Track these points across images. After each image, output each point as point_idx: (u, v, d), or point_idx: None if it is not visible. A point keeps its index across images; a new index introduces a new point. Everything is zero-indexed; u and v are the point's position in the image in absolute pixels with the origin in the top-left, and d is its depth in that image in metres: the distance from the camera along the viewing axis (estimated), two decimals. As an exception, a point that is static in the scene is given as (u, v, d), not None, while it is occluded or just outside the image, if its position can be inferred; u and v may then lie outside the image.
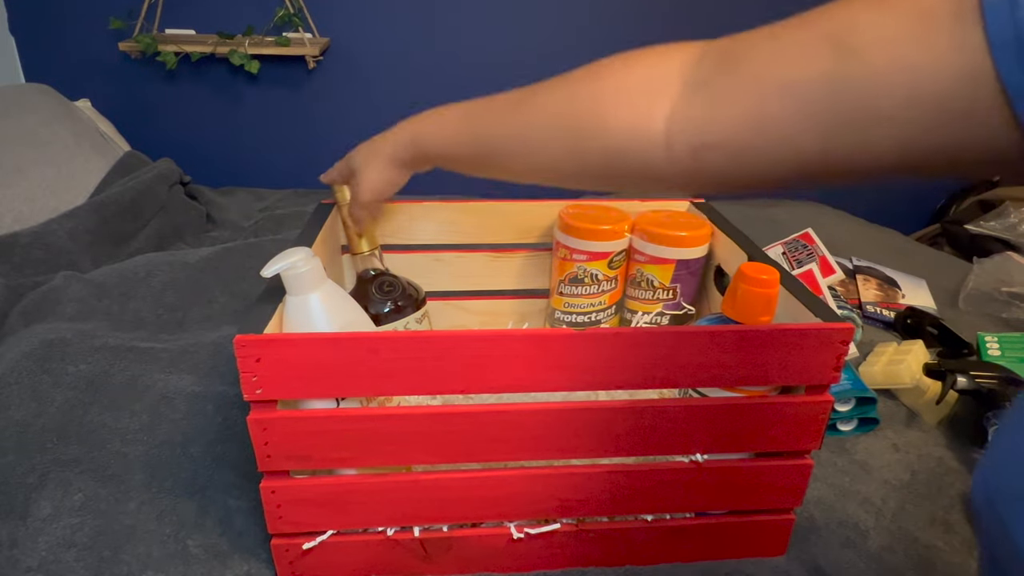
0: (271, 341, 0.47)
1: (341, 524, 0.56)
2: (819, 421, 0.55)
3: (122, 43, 1.55)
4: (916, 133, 0.29)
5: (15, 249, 1.07)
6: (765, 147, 0.34)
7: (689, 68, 0.37)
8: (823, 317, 0.53)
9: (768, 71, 0.33)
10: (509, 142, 0.48)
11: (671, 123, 0.37)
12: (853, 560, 0.62)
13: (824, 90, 0.31)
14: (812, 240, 1.06)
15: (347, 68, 1.68)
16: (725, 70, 0.35)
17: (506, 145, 0.48)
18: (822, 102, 0.31)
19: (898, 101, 0.29)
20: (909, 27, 0.28)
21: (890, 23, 0.29)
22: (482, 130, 0.50)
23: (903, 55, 0.28)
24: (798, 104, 0.32)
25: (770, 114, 0.33)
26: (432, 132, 0.56)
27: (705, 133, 0.36)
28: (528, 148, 0.47)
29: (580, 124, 0.42)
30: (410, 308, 0.69)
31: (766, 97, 0.33)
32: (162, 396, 0.76)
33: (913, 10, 0.28)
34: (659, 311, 0.77)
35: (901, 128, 0.29)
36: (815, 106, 0.31)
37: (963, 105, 0.27)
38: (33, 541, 0.60)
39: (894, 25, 0.28)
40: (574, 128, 0.43)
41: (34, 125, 1.28)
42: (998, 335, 0.87)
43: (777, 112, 0.33)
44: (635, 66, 0.40)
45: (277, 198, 1.53)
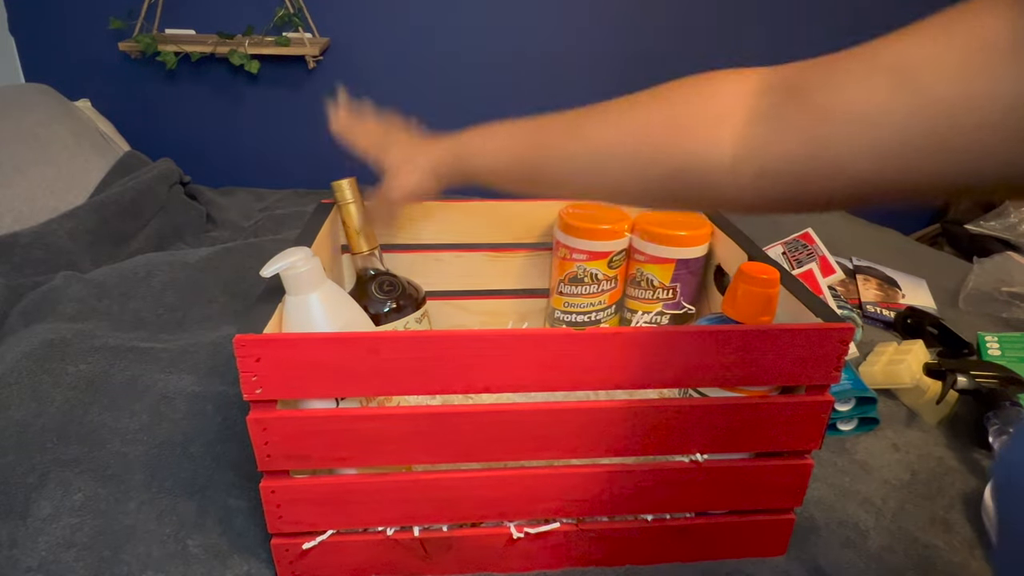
0: (271, 341, 0.47)
1: (341, 524, 0.56)
2: (819, 421, 0.55)
3: (122, 43, 1.55)
4: (980, 159, 0.31)
5: (15, 249, 1.07)
6: (827, 173, 0.35)
7: (755, 97, 0.39)
8: (823, 317, 0.53)
9: (832, 102, 0.34)
10: (566, 163, 0.48)
11: (737, 149, 0.39)
12: (853, 560, 0.62)
13: (890, 121, 0.32)
14: (812, 240, 1.06)
15: (347, 68, 1.68)
16: (790, 100, 0.37)
17: (563, 166, 0.48)
18: (888, 133, 0.32)
19: (965, 130, 0.30)
20: (972, 59, 0.29)
21: (952, 56, 0.30)
22: (536, 151, 0.50)
23: (968, 86, 0.30)
24: (863, 135, 0.33)
25: (834, 144, 0.34)
26: (480, 150, 0.56)
27: (770, 159, 0.37)
28: (588, 169, 0.47)
29: (649, 149, 0.43)
30: (410, 308, 0.69)
31: (831, 127, 0.34)
32: (162, 396, 0.76)
33: (975, 43, 0.29)
34: (659, 311, 0.77)
35: (965, 155, 0.31)
36: (881, 137, 0.33)
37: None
38: (33, 541, 0.60)
39: (957, 58, 0.30)
40: (643, 153, 0.43)
41: (34, 125, 1.28)
42: (998, 335, 0.87)
43: (842, 142, 0.34)
44: (704, 93, 0.42)
45: (277, 198, 1.53)
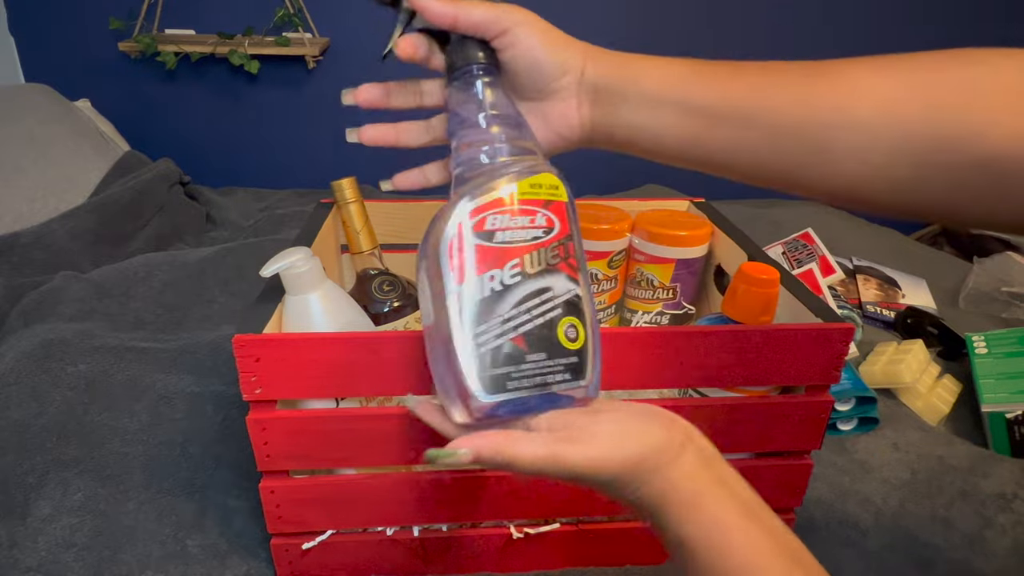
0: (270, 341, 0.47)
1: (341, 524, 0.56)
2: (819, 421, 0.55)
3: (122, 43, 1.55)
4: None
5: (15, 249, 1.07)
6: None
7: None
8: (823, 317, 0.53)
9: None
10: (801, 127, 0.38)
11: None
12: (853, 560, 0.62)
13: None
14: (812, 240, 1.06)
15: (347, 68, 1.68)
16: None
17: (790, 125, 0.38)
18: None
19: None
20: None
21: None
22: (759, 102, 0.39)
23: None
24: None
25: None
26: (652, 70, 0.42)
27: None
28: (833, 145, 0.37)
29: (945, 130, 0.34)
30: (410, 308, 0.68)
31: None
32: (161, 396, 0.76)
33: None
34: (659, 311, 0.77)
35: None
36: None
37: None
38: (32, 541, 0.60)
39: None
40: (938, 134, 0.35)
41: (34, 125, 1.28)
42: (985, 333, 0.87)
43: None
44: (1003, 66, 0.34)
45: (277, 198, 1.53)
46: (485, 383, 0.39)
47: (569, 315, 0.40)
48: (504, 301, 0.39)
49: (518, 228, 0.39)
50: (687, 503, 0.37)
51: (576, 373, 0.40)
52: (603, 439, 0.37)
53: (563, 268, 0.40)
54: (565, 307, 0.40)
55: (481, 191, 0.39)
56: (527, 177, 0.39)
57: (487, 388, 0.38)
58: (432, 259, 0.40)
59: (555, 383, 0.40)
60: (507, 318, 0.39)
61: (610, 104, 0.43)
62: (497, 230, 0.39)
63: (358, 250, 0.68)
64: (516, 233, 0.39)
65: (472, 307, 0.39)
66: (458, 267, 0.39)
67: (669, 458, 0.37)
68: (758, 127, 0.39)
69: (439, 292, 0.40)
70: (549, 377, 0.40)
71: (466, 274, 0.39)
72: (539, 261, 0.40)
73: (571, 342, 0.40)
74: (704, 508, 0.36)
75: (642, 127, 0.43)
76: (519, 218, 0.39)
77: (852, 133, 0.37)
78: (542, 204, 0.40)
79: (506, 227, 0.39)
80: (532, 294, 0.39)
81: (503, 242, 0.39)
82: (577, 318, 0.41)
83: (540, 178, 0.40)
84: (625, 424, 0.39)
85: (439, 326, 0.40)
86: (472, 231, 0.39)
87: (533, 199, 0.40)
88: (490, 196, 0.39)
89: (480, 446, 0.37)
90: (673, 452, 0.38)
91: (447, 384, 0.40)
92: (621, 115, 0.43)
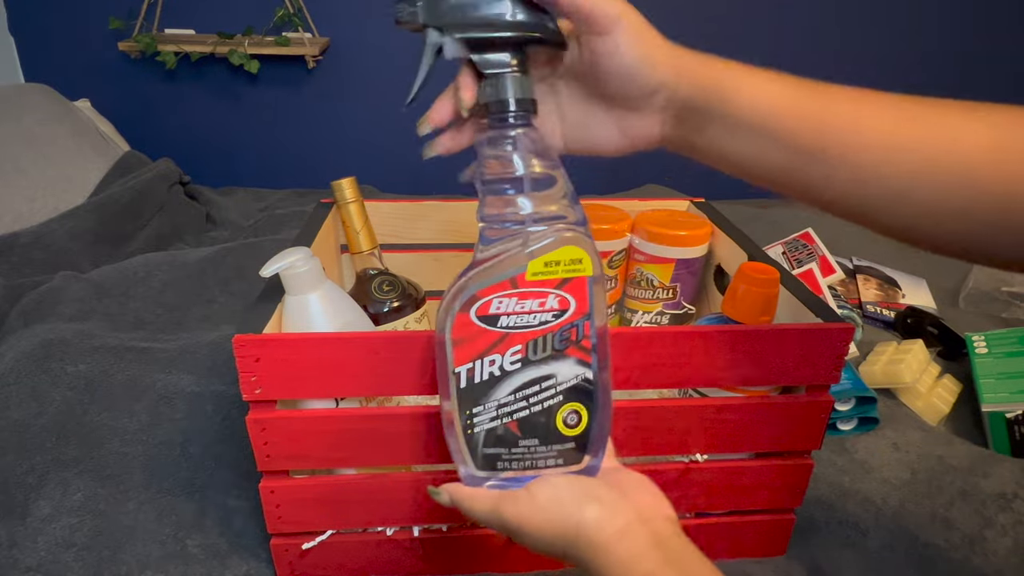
0: (270, 341, 0.47)
1: (341, 524, 0.56)
2: (819, 421, 0.55)
3: (122, 43, 1.55)
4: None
5: (14, 249, 1.07)
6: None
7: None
8: (823, 317, 0.53)
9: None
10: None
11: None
12: (853, 560, 0.62)
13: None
14: (812, 240, 1.06)
15: (347, 68, 1.68)
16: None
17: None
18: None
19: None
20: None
21: None
22: (850, 142, 0.37)
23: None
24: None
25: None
26: (749, 81, 0.39)
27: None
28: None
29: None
30: (410, 308, 0.69)
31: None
32: (161, 396, 0.76)
33: None
34: (659, 310, 0.77)
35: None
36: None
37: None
38: (32, 541, 0.60)
39: None
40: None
41: (33, 125, 1.28)
42: (985, 334, 0.87)
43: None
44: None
45: (277, 198, 1.53)
46: (477, 460, 0.40)
47: (572, 401, 0.40)
48: (501, 387, 0.39)
49: (524, 312, 0.38)
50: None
51: (570, 459, 0.41)
52: (539, 501, 0.39)
53: (572, 352, 0.39)
54: (568, 394, 0.40)
55: (491, 271, 0.37)
56: (545, 255, 0.37)
57: (479, 465, 0.41)
58: (439, 329, 0.39)
59: (546, 467, 0.41)
60: (503, 403, 0.39)
61: (696, 124, 0.40)
62: (502, 315, 0.38)
63: (358, 250, 0.68)
64: (522, 318, 0.38)
65: (469, 388, 0.39)
66: (460, 347, 0.38)
67: (609, 535, 0.37)
68: (847, 168, 0.37)
69: (443, 365, 0.39)
70: (540, 462, 0.41)
71: (467, 355, 0.38)
72: (544, 348, 0.39)
73: (570, 428, 0.40)
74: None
75: (728, 152, 0.40)
76: (527, 302, 0.38)
77: (932, 192, 0.35)
78: (556, 284, 0.38)
79: (512, 311, 0.38)
80: (532, 381, 0.39)
81: (507, 327, 0.38)
82: (582, 403, 0.40)
83: (560, 253, 0.37)
84: (571, 492, 0.39)
85: (443, 395, 0.40)
86: (475, 314, 0.38)
87: (546, 279, 0.38)
88: (499, 278, 0.37)
89: (452, 492, 0.42)
90: (614, 529, 0.37)
91: (451, 448, 0.41)
92: (706, 135, 0.40)
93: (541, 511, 0.38)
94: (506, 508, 0.39)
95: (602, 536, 0.37)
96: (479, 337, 0.38)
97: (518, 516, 0.39)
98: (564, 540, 0.38)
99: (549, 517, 0.38)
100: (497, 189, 0.38)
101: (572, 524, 0.37)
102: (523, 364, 0.39)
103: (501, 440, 0.40)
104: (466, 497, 0.41)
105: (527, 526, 0.39)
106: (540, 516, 0.38)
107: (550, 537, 0.38)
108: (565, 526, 0.38)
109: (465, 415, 0.39)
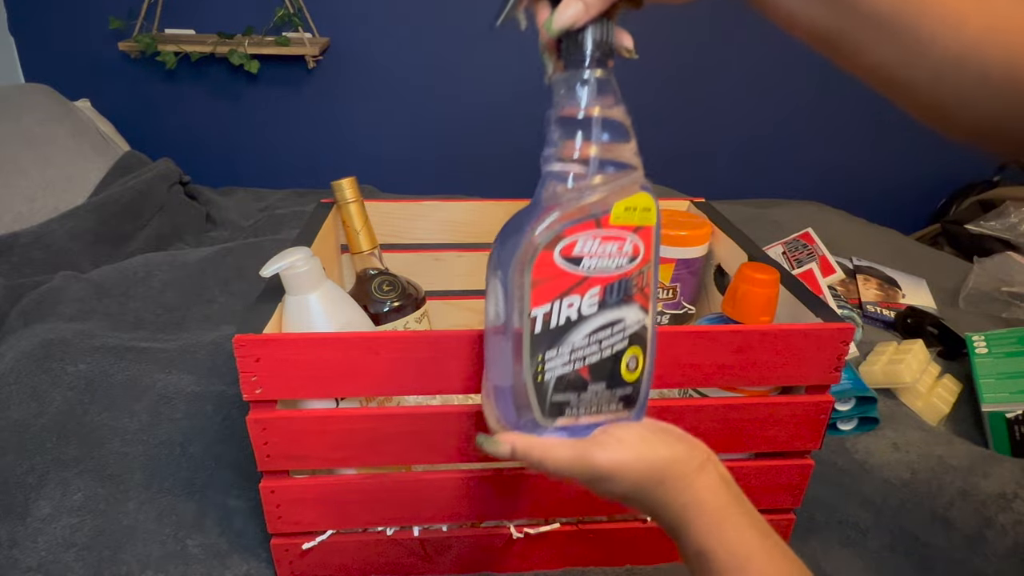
0: (270, 341, 0.47)
1: (341, 524, 0.56)
2: (819, 421, 0.55)
3: (122, 43, 1.55)
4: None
5: (14, 249, 1.07)
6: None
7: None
8: (823, 317, 0.53)
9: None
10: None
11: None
12: (853, 560, 0.62)
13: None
14: (812, 240, 1.06)
15: (347, 68, 1.68)
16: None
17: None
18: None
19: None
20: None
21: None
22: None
23: None
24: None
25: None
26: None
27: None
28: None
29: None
30: (410, 308, 0.69)
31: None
32: (162, 396, 0.76)
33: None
34: (659, 311, 0.77)
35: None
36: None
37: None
38: (33, 541, 0.60)
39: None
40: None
41: (34, 125, 1.28)
42: (985, 333, 0.87)
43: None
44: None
45: (277, 198, 1.53)
46: (545, 408, 0.39)
47: (634, 346, 0.40)
48: (578, 330, 0.38)
49: (605, 256, 0.38)
50: (711, 517, 0.38)
51: (628, 403, 0.41)
52: (630, 444, 0.39)
53: (638, 299, 0.39)
54: (631, 339, 0.40)
55: (575, 210, 0.37)
56: (623, 199, 0.37)
57: (545, 412, 0.40)
58: (515, 270, 0.38)
59: (608, 412, 0.41)
60: (577, 347, 0.39)
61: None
62: (585, 256, 0.38)
63: (358, 250, 0.68)
64: (603, 261, 0.38)
65: (544, 332, 0.38)
66: (538, 288, 0.38)
67: (692, 468, 0.39)
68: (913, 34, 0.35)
69: (513, 305, 0.38)
70: (604, 407, 0.40)
71: (545, 297, 0.38)
72: (619, 292, 0.39)
73: (630, 373, 0.41)
74: (728, 524, 0.38)
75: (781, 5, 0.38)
76: (608, 245, 0.38)
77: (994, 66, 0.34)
78: (632, 229, 0.38)
79: (594, 253, 0.38)
80: (605, 326, 0.39)
81: (589, 269, 0.38)
82: (640, 348, 0.40)
83: (636, 199, 0.38)
84: (651, 433, 0.40)
85: (507, 336, 0.39)
86: (560, 254, 0.37)
87: (624, 224, 0.38)
88: (583, 217, 0.37)
89: (517, 443, 0.40)
90: (697, 463, 0.39)
91: (503, 395, 0.40)
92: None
93: (634, 451, 0.39)
94: (595, 454, 0.39)
95: (688, 469, 0.39)
96: (559, 278, 0.38)
97: (611, 460, 0.39)
98: (652, 480, 0.39)
99: (642, 456, 0.39)
100: (577, 127, 0.38)
101: (663, 462, 0.39)
102: (599, 308, 0.39)
103: (572, 385, 0.39)
104: (538, 446, 0.40)
105: (621, 469, 0.39)
106: (633, 456, 0.39)
107: (641, 478, 0.39)
108: (656, 465, 0.39)
109: (537, 361, 0.39)
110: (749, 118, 1.76)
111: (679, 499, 0.39)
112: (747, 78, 1.72)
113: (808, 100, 1.75)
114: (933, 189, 1.87)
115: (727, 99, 1.73)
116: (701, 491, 0.39)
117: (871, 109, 1.73)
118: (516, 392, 0.39)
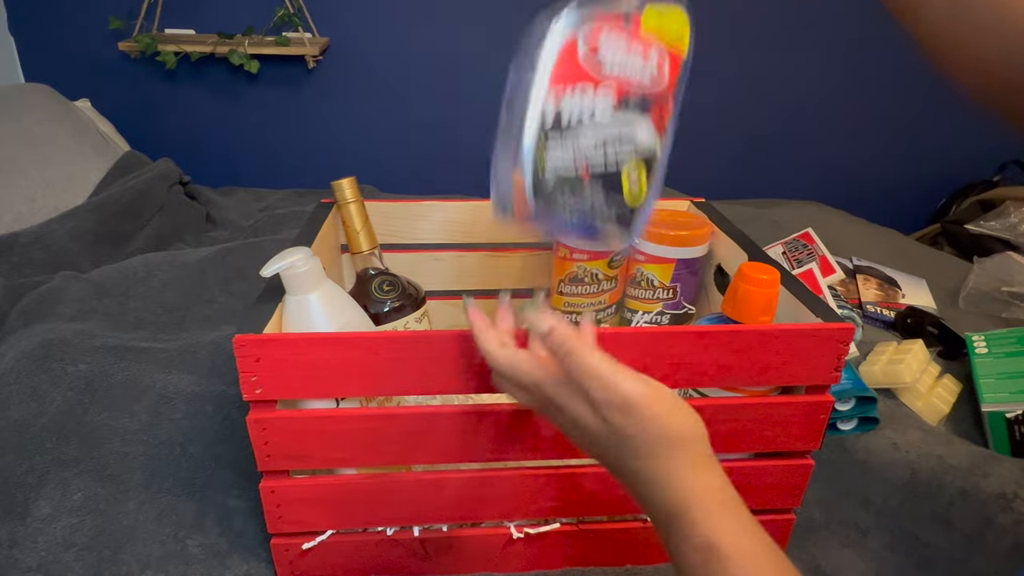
0: (270, 341, 0.47)
1: (341, 524, 0.56)
2: (819, 421, 0.55)
3: (122, 43, 1.55)
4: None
5: (14, 249, 1.07)
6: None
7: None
8: (823, 317, 0.53)
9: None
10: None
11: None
12: (853, 560, 0.62)
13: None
14: (812, 240, 1.06)
15: (347, 68, 1.68)
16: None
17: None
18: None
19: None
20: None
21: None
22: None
23: None
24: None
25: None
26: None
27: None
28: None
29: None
30: (410, 308, 0.69)
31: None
32: (162, 396, 0.76)
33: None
34: (659, 310, 0.77)
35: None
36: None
37: None
38: (32, 541, 0.60)
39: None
40: None
41: (34, 125, 1.28)
42: (985, 333, 0.87)
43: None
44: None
45: (277, 198, 1.53)
46: (543, 196, 0.38)
47: (640, 168, 0.39)
48: (587, 133, 0.37)
49: (628, 61, 0.36)
50: (726, 507, 0.36)
51: (623, 223, 0.40)
52: (667, 396, 0.38)
53: (654, 119, 0.38)
54: (640, 160, 0.38)
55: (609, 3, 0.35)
56: (658, 3, 0.35)
57: (541, 199, 0.38)
58: (533, 53, 0.36)
59: (602, 225, 0.39)
60: (584, 148, 0.37)
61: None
62: (608, 51, 0.36)
63: (358, 250, 0.68)
64: (624, 67, 0.36)
65: (556, 128, 0.36)
66: (559, 71, 0.35)
67: (705, 459, 0.37)
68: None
69: (526, 90, 0.36)
70: (599, 215, 0.39)
71: (560, 85, 0.36)
72: (635, 104, 0.37)
73: (632, 195, 0.39)
74: (741, 516, 0.36)
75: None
76: (633, 51, 0.36)
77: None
78: (662, 46, 0.37)
79: (618, 52, 0.36)
80: (615, 137, 0.37)
81: (611, 64, 0.36)
82: (647, 173, 0.39)
83: (672, 18, 0.36)
84: (678, 398, 0.39)
85: (518, 117, 0.37)
86: (584, 40, 0.35)
87: (655, 34, 0.36)
88: (613, 8, 0.35)
89: (557, 329, 0.38)
90: (709, 452, 0.38)
91: (502, 178, 0.38)
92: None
93: (668, 404, 0.37)
94: (627, 380, 0.37)
95: (707, 450, 0.38)
96: (578, 71, 0.36)
97: (643, 394, 0.37)
98: (669, 440, 0.37)
99: (674, 411, 0.37)
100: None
101: (689, 429, 0.38)
102: (612, 115, 0.38)
103: (572, 186, 0.38)
104: (575, 337, 0.38)
105: (645, 408, 0.37)
106: (666, 409, 0.37)
107: (660, 431, 0.37)
108: (682, 429, 0.37)
109: (543, 148, 0.37)
110: (749, 118, 1.76)
111: (689, 476, 0.36)
112: (747, 78, 1.72)
113: (808, 100, 1.75)
114: (933, 189, 1.87)
115: (727, 99, 1.73)
116: (712, 478, 0.37)
117: (871, 109, 1.73)
118: (515, 185, 0.38)
